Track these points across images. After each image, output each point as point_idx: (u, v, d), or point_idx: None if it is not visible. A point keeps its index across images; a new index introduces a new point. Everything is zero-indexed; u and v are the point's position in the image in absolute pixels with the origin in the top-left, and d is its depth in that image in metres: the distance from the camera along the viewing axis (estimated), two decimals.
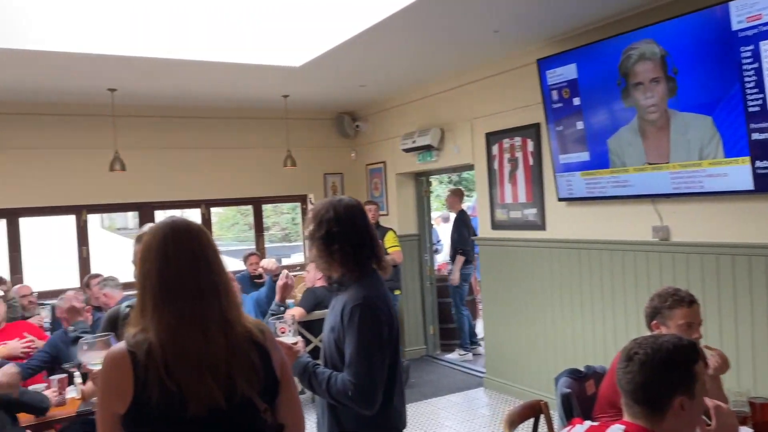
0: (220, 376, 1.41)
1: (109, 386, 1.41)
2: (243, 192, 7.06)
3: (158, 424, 1.39)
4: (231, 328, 1.47)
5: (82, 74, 4.97)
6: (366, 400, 1.93)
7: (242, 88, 5.85)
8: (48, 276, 6.52)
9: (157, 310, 1.42)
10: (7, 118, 5.85)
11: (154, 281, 1.45)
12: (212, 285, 1.48)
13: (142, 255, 1.49)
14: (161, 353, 1.39)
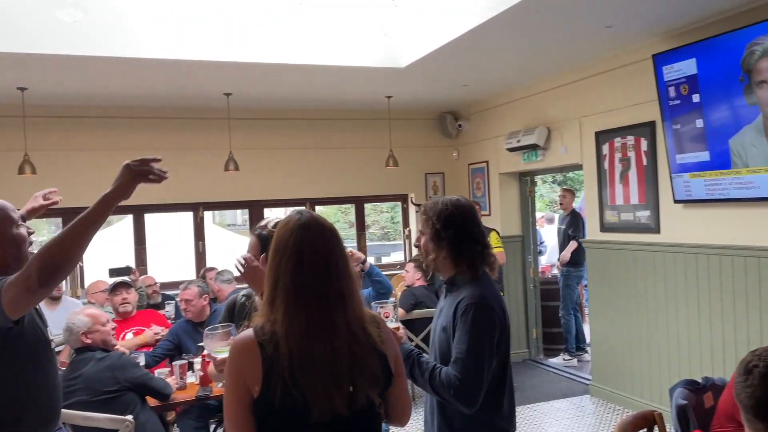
0: (343, 385, 1.43)
1: (241, 372, 1.43)
2: (346, 191, 7.24)
3: (281, 425, 1.42)
4: (355, 337, 1.47)
5: (200, 80, 5.29)
6: (468, 398, 1.92)
7: (347, 90, 6.00)
8: (168, 268, 7.00)
9: (288, 315, 1.45)
10: (133, 122, 6.33)
11: (288, 280, 1.47)
12: (340, 292, 1.48)
13: (275, 248, 1.51)
14: (288, 359, 1.41)
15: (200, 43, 4.55)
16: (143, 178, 1.81)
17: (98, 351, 3.13)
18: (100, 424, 2.84)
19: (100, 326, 3.18)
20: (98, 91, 5.51)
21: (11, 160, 5.36)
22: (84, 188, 6.09)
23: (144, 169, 1.80)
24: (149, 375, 3.31)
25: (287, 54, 4.82)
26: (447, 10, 4.36)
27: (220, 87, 5.62)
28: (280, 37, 4.72)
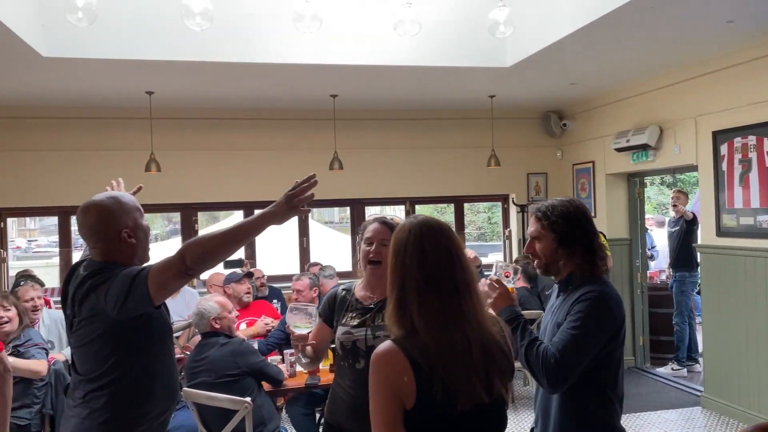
0: (480, 374, 1.47)
1: (393, 387, 1.44)
2: (445, 190, 7.27)
3: (440, 419, 1.45)
4: (482, 326, 1.52)
5: (308, 83, 5.51)
6: (557, 378, 1.91)
7: (450, 90, 6.03)
8: (274, 262, 7.33)
9: (422, 302, 1.48)
10: (245, 123, 6.69)
11: (416, 274, 1.50)
12: (465, 281, 1.52)
13: (395, 250, 1.56)
14: (436, 353, 1.44)
15: (308, 48, 4.74)
16: (296, 211, 1.96)
17: (222, 336, 3.36)
18: (222, 404, 3.06)
19: (227, 313, 3.42)
20: (217, 94, 5.87)
21: (139, 159, 5.84)
22: (202, 185, 6.58)
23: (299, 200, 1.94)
24: (266, 362, 3.49)
25: (391, 55, 4.92)
26: (557, 8, 4.30)
27: (327, 89, 5.83)
28: (384, 38, 4.82)
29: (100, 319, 1.96)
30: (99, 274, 1.97)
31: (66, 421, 2.04)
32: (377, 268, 2.28)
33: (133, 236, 2.07)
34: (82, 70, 4.78)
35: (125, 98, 5.90)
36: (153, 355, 2.06)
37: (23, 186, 6.22)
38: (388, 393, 1.45)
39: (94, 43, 4.35)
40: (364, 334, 2.25)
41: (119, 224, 2.05)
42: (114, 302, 1.90)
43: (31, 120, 6.20)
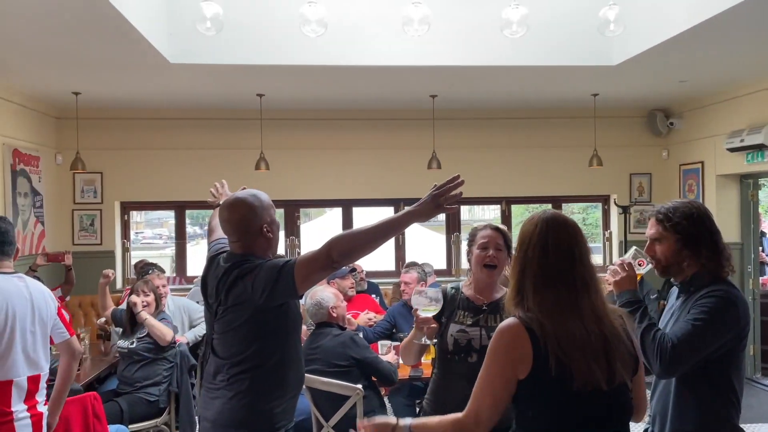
0: (600, 361, 1.54)
1: (511, 354, 1.56)
2: (543, 190, 7.19)
3: (552, 393, 1.55)
4: (600, 320, 1.59)
5: (409, 83, 5.64)
6: (671, 362, 1.94)
7: (552, 89, 5.97)
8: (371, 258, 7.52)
9: (537, 294, 1.59)
10: (350, 123, 6.92)
11: (535, 268, 1.61)
12: (584, 279, 1.61)
13: (520, 241, 1.68)
14: (552, 330, 1.55)
15: (412, 50, 4.85)
16: (441, 210, 2.03)
17: (335, 327, 3.52)
18: (335, 389, 3.23)
19: (341, 303, 3.59)
20: (323, 95, 6.12)
21: (250, 158, 6.18)
22: (305, 183, 6.88)
23: (445, 199, 2.01)
24: (378, 358, 3.55)
25: (494, 56, 4.95)
26: (670, 5, 4.19)
27: (427, 89, 5.93)
28: (487, 39, 4.86)
29: (246, 307, 2.13)
30: (243, 265, 2.15)
31: (209, 402, 2.22)
32: (492, 271, 2.43)
33: (270, 231, 2.25)
34: (202, 74, 5.14)
35: (238, 100, 6.27)
36: (288, 343, 2.23)
37: (144, 182, 6.75)
38: (505, 360, 1.57)
39: (213, 49, 4.67)
40: (478, 333, 2.38)
41: (260, 220, 2.22)
42: (261, 291, 2.07)
43: (153, 121, 6.71)
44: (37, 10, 3.58)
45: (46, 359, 2.65)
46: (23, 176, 5.82)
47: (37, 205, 6.11)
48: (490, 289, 2.47)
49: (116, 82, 5.40)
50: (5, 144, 5.52)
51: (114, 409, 3.81)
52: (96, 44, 4.26)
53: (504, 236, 2.48)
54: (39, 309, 2.62)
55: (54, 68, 4.92)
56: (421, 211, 2.03)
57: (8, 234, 2.62)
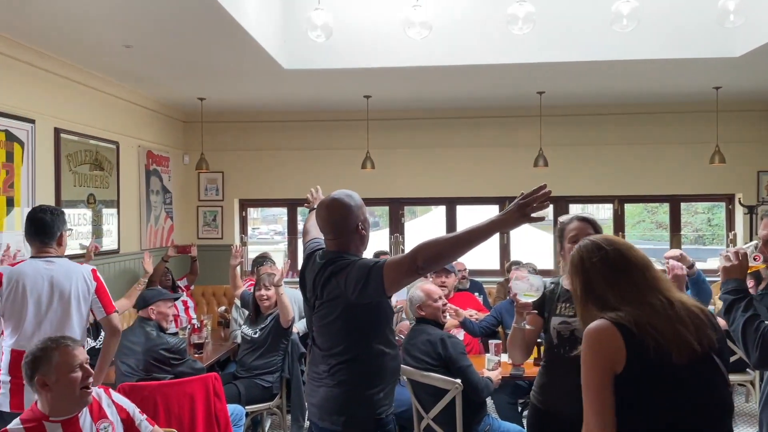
0: (688, 326, 1.62)
1: (606, 353, 1.62)
2: (659, 189, 6.87)
3: (653, 376, 1.60)
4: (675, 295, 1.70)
5: (514, 81, 5.59)
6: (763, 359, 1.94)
7: (669, 83, 5.70)
8: (475, 257, 7.52)
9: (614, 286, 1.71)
10: (447, 122, 6.98)
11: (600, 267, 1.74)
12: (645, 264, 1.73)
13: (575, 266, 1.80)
14: (640, 316, 1.62)
15: (518, 47, 4.82)
16: (527, 219, 2.03)
17: (431, 324, 3.58)
18: (434, 382, 3.31)
19: (432, 302, 3.63)
20: (427, 95, 6.22)
21: (356, 157, 6.40)
22: (409, 181, 7.01)
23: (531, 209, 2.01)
24: (471, 369, 3.41)
25: (604, 50, 4.81)
26: None
27: (533, 86, 5.86)
28: (596, 34, 4.74)
29: (339, 302, 2.26)
30: (337, 261, 2.28)
31: (314, 389, 2.38)
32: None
33: (364, 229, 2.37)
34: (313, 79, 5.41)
35: (345, 102, 6.51)
36: (380, 336, 2.34)
37: (260, 181, 7.19)
38: (600, 361, 1.63)
39: (324, 55, 4.91)
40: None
41: (356, 219, 2.34)
42: (353, 288, 2.19)
43: (267, 123, 7.13)
44: (165, 23, 3.95)
45: (75, 333, 2.95)
46: (155, 175, 6.41)
47: (167, 201, 6.69)
48: None
49: (236, 88, 5.81)
50: (141, 146, 6.10)
51: (232, 391, 4.12)
52: (220, 54, 4.62)
53: (593, 226, 2.47)
54: (60, 287, 2.95)
55: (183, 77, 5.38)
56: (506, 220, 2.03)
57: (44, 224, 3.00)
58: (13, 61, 4.22)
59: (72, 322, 3.00)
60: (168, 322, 3.92)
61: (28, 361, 2.20)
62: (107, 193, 5.49)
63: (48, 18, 3.78)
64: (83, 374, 2.21)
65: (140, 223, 6.10)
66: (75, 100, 4.99)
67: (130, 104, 5.88)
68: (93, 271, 3.11)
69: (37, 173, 4.44)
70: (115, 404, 2.43)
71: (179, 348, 3.78)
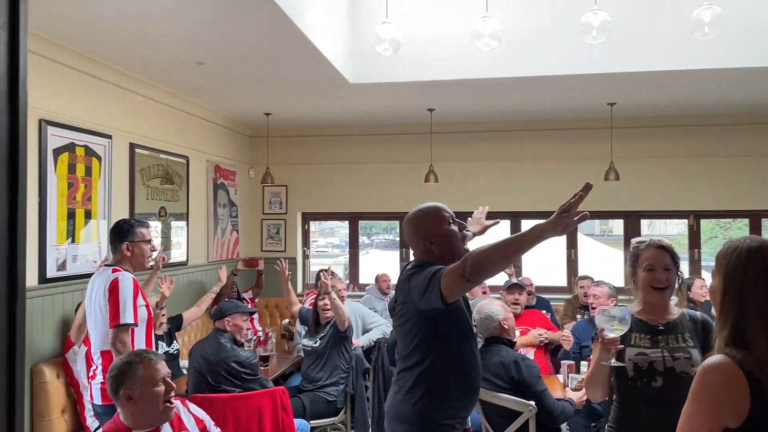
0: None
1: (720, 398, 1.41)
2: (738, 203, 6.53)
3: None
4: None
5: (585, 92, 5.43)
6: None
7: (747, 92, 5.41)
8: (543, 273, 7.32)
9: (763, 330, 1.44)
10: (512, 135, 6.84)
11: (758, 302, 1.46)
12: None
13: (731, 272, 1.52)
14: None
15: (590, 56, 4.68)
16: (567, 229, 1.92)
17: (504, 344, 3.44)
18: (506, 404, 3.20)
19: (510, 314, 3.54)
20: (492, 107, 6.13)
21: (419, 170, 6.36)
22: (478, 195, 6.90)
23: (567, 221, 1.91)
24: (547, 393, 3.29)
25: (681, 59, 4.61)
26: None
27: (604, 97, 5.68)
28: (671, 42, 4.55)
29: (409, 308, 2.27)
30: (416, 268, 2.28)
31: (390, 394, 2.41)
32: (663, 293, 2.34)
33: (433, 242, 2.33)
34: (377, 93, 5.40)
35: (409, 115, 6.47)
36: (453, 350, 2.27)
37: (322, 194, 7.24)
38: (712, 405, 1.42)
39: (389, 68, 4.90)
40: (660, 355, 2.29)
41: (423, 231, 2.35)
42: (417, 293, 2.18)
43: (331, 137, 7.19)
44: (238, 39, 4.03)
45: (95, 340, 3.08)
46: (222, 189, 6.54)
47: (233, 215, 6.82)
48: (662, 310, 2.38)
49: (302, 102, 5.87)
50: (209, 161, 6.25)
51: (297, 404, 4.12)
52: (288, 69, 4.68)
53: (671, 254, 2.35)
54: (91, 296, 3.09)
55: (250, 92, 5.48)
56: (549, 223, 1.93)
57: (110, 235, 3.22)
58: (93, 80, 4.39)
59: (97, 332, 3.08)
60: (243, 335, 3.96)
61: (114, 374, 2.24)
62: (177, 206, 5.63)
63: (124, 37, 3.91)
64: (166, 388, 2.23)
65: (207, 235, 6.23)
66: (148, 116, 5.16)
67: (199, 120, 6.03)
68: (113, 281, 3.00)
69: (113, 187, 4.60)
70: (193, 416, 2.44)
71: (251, 363, 3.80)
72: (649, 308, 2.38)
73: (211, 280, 6.14)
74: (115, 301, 2.97)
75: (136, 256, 3.17)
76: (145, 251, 3.20)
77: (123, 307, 2.95)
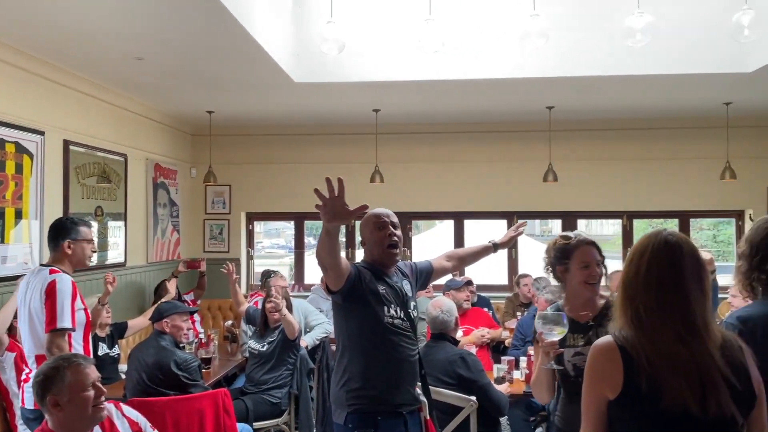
0: (692, 382, 1.49)
1: (602, 375, 1.58)
2: (668, 204, 6.83)
3: (641, 412, 1.53)
4: (701, 344, 1.53)
5: (524, 95, 5.58)
6: None
7: (678, 98, 5.68)
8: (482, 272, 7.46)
9: (635, 311, 1.58)
10: (456, 136, 6.95)
11: (636, 285, 1.61)
12: (685, 302, 1.56)
13: (631, 257, 1.66)
14: (644, 347, 1.54)
15: (529, 61, 4.80)
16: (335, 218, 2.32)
17: (449, 341, 3.53)
18: (449, 399, 3.26)
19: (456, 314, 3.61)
20: (437, 109, 6.21)
21: (365, 171, 6.38)
22: (419, 195, 6.98)
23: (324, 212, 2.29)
24: (490, 386, 3.43)
25: (615, 65, 4.79)
26: None
27: (543, 101, 5.84)
28: (606, 49, 4.72)
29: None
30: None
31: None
32: (597, 287, 2.42)
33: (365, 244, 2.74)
34: (323, 92, 5.40)
35: (355, 116, 6.50)
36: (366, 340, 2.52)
37: (267, 194, 7.16)
38: (596, 380, 1.60)
39: (335, 68, 4.90)
40: None
41: (361, 235, 2.76)
42: None
43: (276, 136, 7.12)
44: (178, 36, 3.95)
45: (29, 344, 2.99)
46: (163, 188, 6.39)
47: (174, 214, 6.67)
48: (592, 303, 2.41)
49: (245, 100, 5.80)
50: (149, 159, 6.09)
51: (240, 407, 4.06)
52: (231, 67, 4.62)
53: (598, 249, 2.44)
54: (23, 297, 3.00)
55: (192, 89, 5.38)
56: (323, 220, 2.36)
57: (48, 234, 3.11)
58: (23, 73, 4.22)
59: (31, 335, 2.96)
60: (182, 336, 3.87)
61: (39, 380, 2.15)
62: (114, 206, 5.46)
63: (59, 31, 3.78)
64: (96, 392, 2.17)
65: (147, 236, 6.07)
66: (84, 112, 4.98)
67: (138, 117, 5.87)
68: (51, 284, 2.90)
69: (45, 185, 4.42)
70: (127, 418, 2.38)
71: (190, 366, 3.69)
72: (581, 303, 2.40)
73: (150, 281, 5.98)
74: (53, 305, 2.84)
75: (76, 254, 3.08)
76: (86, 250, 3.11)
77: (60, 310, 2.84)
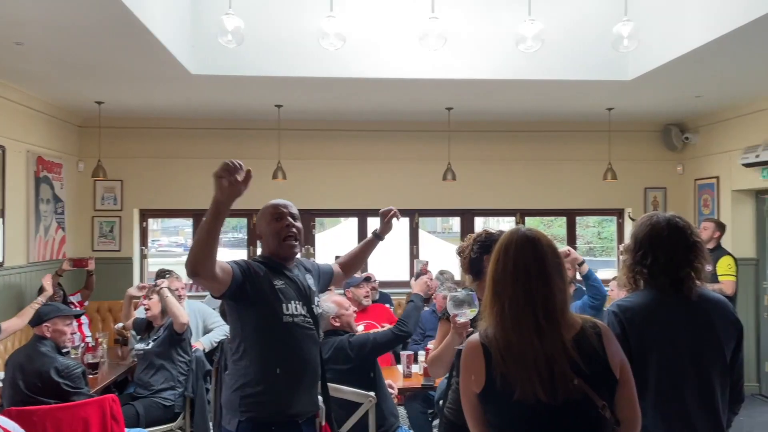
0: (541, 371, 1.61)
1: (470, 371, 1.71)
2: (557, 203, 7.22)
3: (499, 404, 1.67)
4: (552, 331, 1.64)
5: (424, 96, 5.70)
6: None
7: (565, 103, 6.01)
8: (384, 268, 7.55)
9: (492, 307, 1.70)
10: (359, 134, 7.00)
11: (490, 282, 1.73)
12: (530, 295, 1.66)
13: (496, 251, 1.77)
14: (496, 345, 1.66)
15: (428, 62, 4.92)
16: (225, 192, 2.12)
17: (338, 335, 3.52)
18: (348, 396, 3.27)
19: (344, 311, 3.60)
20: (339, 107, 6.21)
21: (267, 167, 6.27)
22: (322, 193, 6.95)
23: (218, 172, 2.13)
24: (375, 336, 3.55)
25: (509, 69, 5.00)
26: (686, 20, 4.22)
27: (443, 102, 6.00)
28: (502, 53, 4.92)
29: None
30: None
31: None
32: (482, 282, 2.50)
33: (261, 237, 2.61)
34: (222, 86, 5.25)
35: (256, 111, 6.37)
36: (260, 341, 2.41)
37: (163, 190, 6.86)
38: (465, 375, 1.73)
39: (234, 61, 4.77)
40: None
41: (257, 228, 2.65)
42: None
43: (173, 130, 6.84)
44: (63, 21, 3.70)
45: None
46: (46, 183, 5.96)
47: (59, 211, 6.24)
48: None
49: (138, 92, 5.53)
50: (30, 151, 5.66)
51: (130, 412, 3.88)
52: (120, 55, 4.38)
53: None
54: None
55: (78, 78, 5.05)
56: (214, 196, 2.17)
57: None
58: None
59: None
60: (65, 341, 3.62)
61: None
62: None
63: None
64: None
65: (28, 233, 5.64)
66: None
67: (18, 106, 5.44)
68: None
69: None
70: (3, 429, 2.19)
71: (72, 373, 3.45)
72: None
73: (31, 283, 5.56)
74: None
75: None
76: None
77: None
